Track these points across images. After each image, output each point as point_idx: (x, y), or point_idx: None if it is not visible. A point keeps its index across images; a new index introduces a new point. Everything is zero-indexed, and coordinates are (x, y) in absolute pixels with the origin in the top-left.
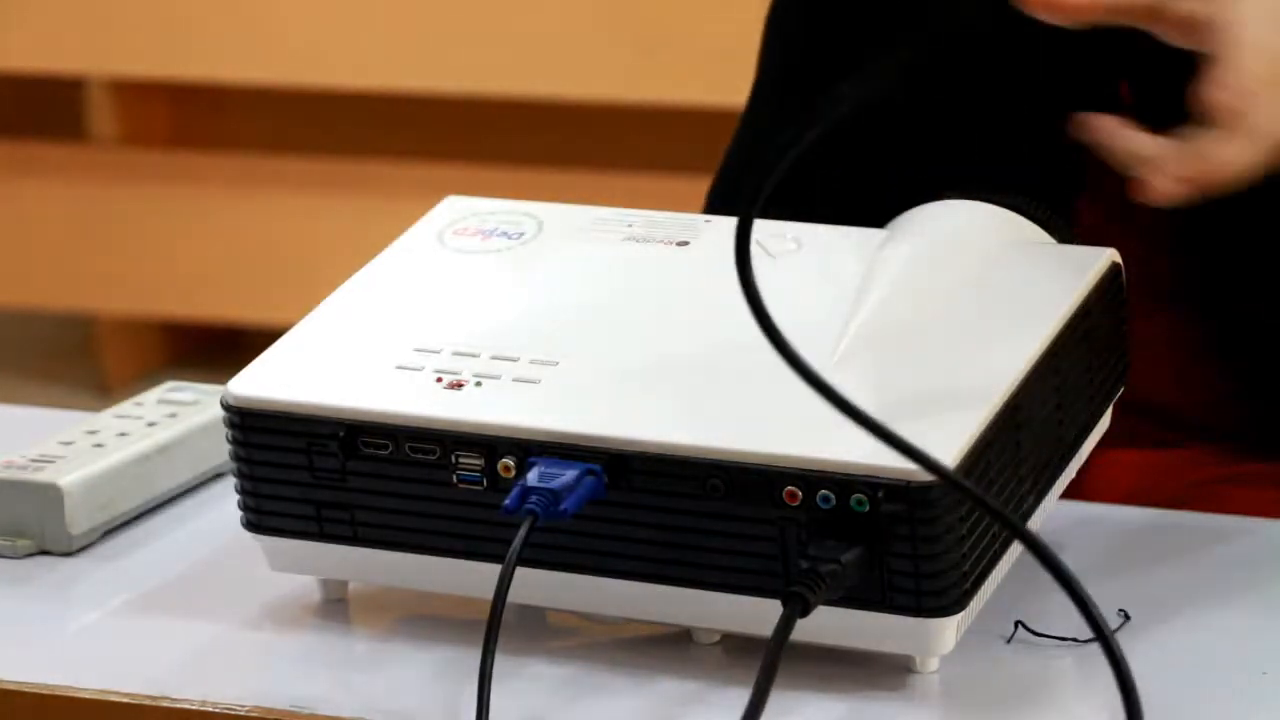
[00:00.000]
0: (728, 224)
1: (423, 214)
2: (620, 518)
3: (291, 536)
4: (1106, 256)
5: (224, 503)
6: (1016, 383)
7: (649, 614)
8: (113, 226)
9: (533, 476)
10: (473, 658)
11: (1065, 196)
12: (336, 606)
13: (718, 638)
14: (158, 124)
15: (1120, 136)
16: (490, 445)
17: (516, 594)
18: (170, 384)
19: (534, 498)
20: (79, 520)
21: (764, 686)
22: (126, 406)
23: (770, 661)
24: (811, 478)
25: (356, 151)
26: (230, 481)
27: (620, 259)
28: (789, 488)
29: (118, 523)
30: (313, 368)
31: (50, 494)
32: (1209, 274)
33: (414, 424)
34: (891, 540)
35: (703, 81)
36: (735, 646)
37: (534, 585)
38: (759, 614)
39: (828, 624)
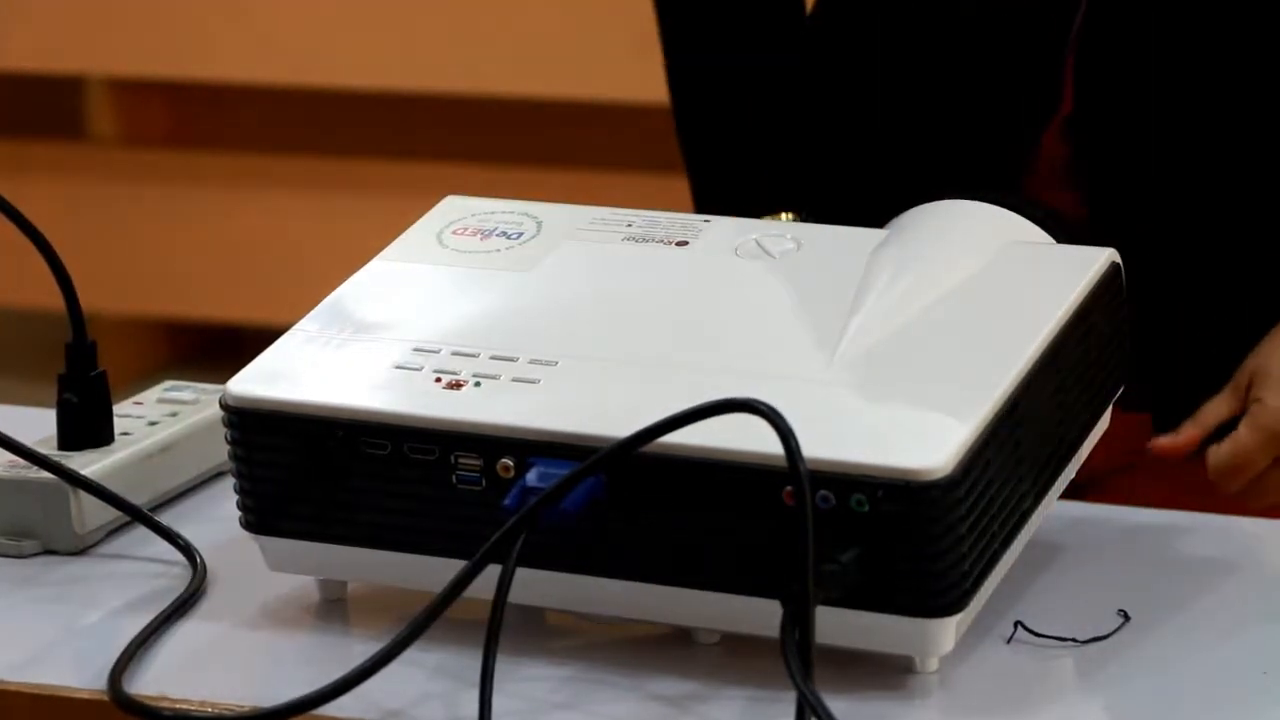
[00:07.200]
0: (727, 224)
1: (423, 214)
2: (620, 518)
3: (291, 536)
4: (1106, 256)
5: (224, 502)
6: (1016, 382)
7: (649, 614)
8: (112, 226)
9: (532, 476)
10: (473, 658)
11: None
12: (336, 606)
13: (718, 638)
14: (156, 124)
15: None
16: (490, 445)
17: (516, 594)
18: (169, 383)
19: (534, 498)
20: (85, 519)
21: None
22: (127, 406)
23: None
24: (811, 478)
25: (356, 151)
26: (230, 481)
27: (620, 259)
28: (788, 488)
29: (122, 521)
30: (312, 368)
31: (56, 493)
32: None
33: (413, 424)
34: (891, 540)
35: None
36: (735, 646)
37: (534, 585)
38: (759, 614)
39: (828, 624)
